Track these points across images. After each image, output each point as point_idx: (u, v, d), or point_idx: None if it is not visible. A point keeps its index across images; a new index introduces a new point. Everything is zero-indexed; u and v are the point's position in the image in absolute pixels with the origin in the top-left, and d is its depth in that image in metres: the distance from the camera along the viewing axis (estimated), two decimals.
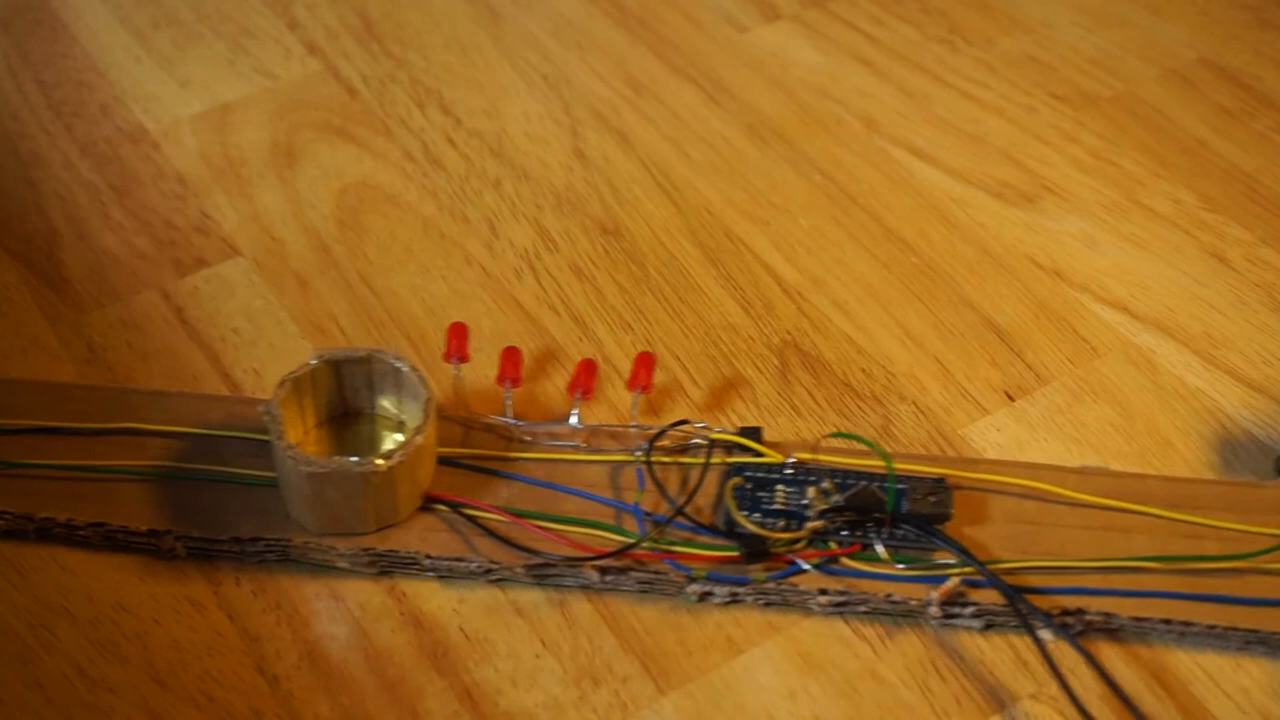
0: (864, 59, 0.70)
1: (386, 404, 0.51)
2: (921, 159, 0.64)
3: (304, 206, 0.62)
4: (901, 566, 0.47)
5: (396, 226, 0.61)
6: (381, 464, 0.46)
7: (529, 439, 0.51)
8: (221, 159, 0.64)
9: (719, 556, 0.47)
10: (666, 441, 0.50)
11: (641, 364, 0.52)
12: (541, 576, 0.47)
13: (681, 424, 0.51)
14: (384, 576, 0.48)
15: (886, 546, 0.47)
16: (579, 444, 0.51)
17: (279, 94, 0.68)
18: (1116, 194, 0.62)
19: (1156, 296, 0.58)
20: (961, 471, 0.50)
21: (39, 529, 0.48)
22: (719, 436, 0.50)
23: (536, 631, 0.47)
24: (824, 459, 0.50)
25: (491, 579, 0.47)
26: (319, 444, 0.50)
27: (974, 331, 0.57)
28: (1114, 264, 0.60)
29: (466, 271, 0.59)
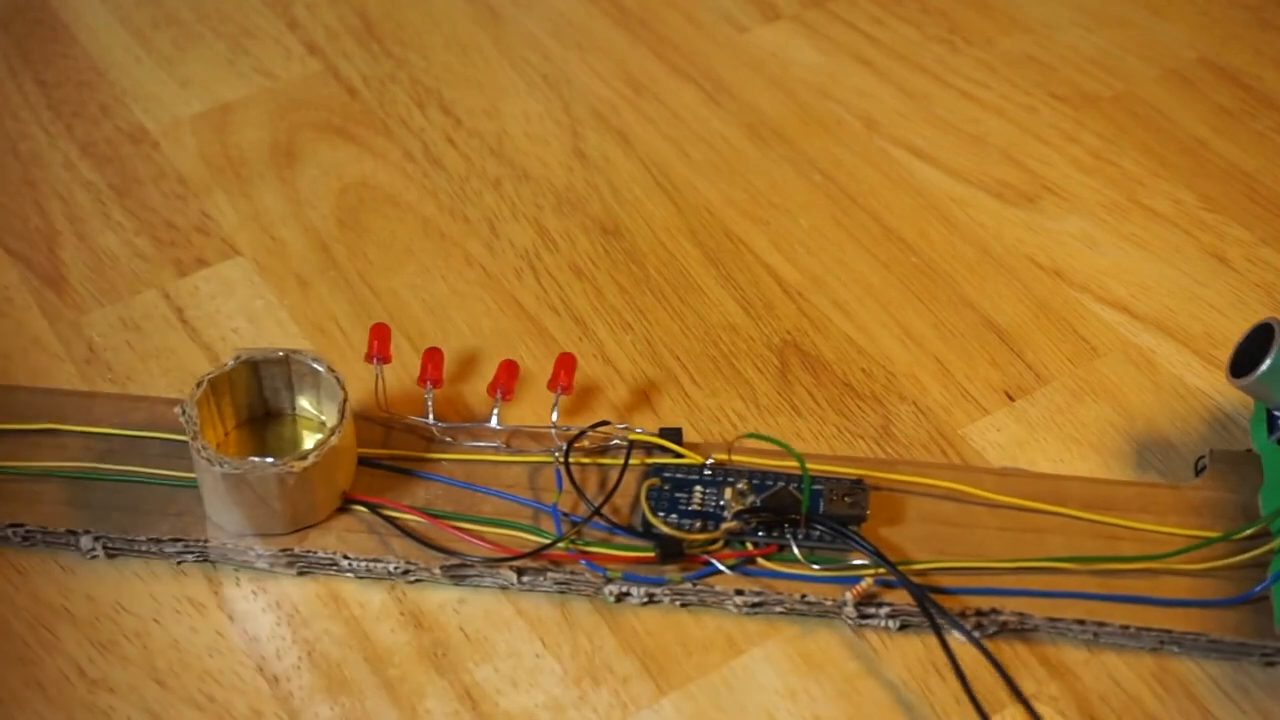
0: (864, 59, 0.70)
1: (306, 404, 0.51)
2: (921, 159, 0.64)
3: (304, 206, 0.62)
4: (817, 567, 0.47)
5: (396, 226, 0.61)
6: (296, 465, 0.46)
7: (450, 440, 0.51)
8: (221, 159, 0.64)
9: (635, 557, 0.47)
10: (587, 442, 0.50)
11: (561, 365, 0.52)
12: (459, 577, 0.48)
13: (602, 425, 0.51)
14: (301, 574, 0.48)
15: (802, 547, 0.47)
16: (500, 445, 0.51)
17: (279, 94, 0.68)
18: (1116, 194, 0.62)
19: (1156, 296, 0.58)
20: (881, 473, 0.50)
21: None
22: (638, 437, 0.50)
23: (536, 631, 0.47)
24: (745, 460, 0.50)
25: (409, 580, 0.48)
26: (240, 445, 0.50)
27: (974, 331, 0.57)
28: (1114, 264, 0.60)
29: (467, 271, 0.59)
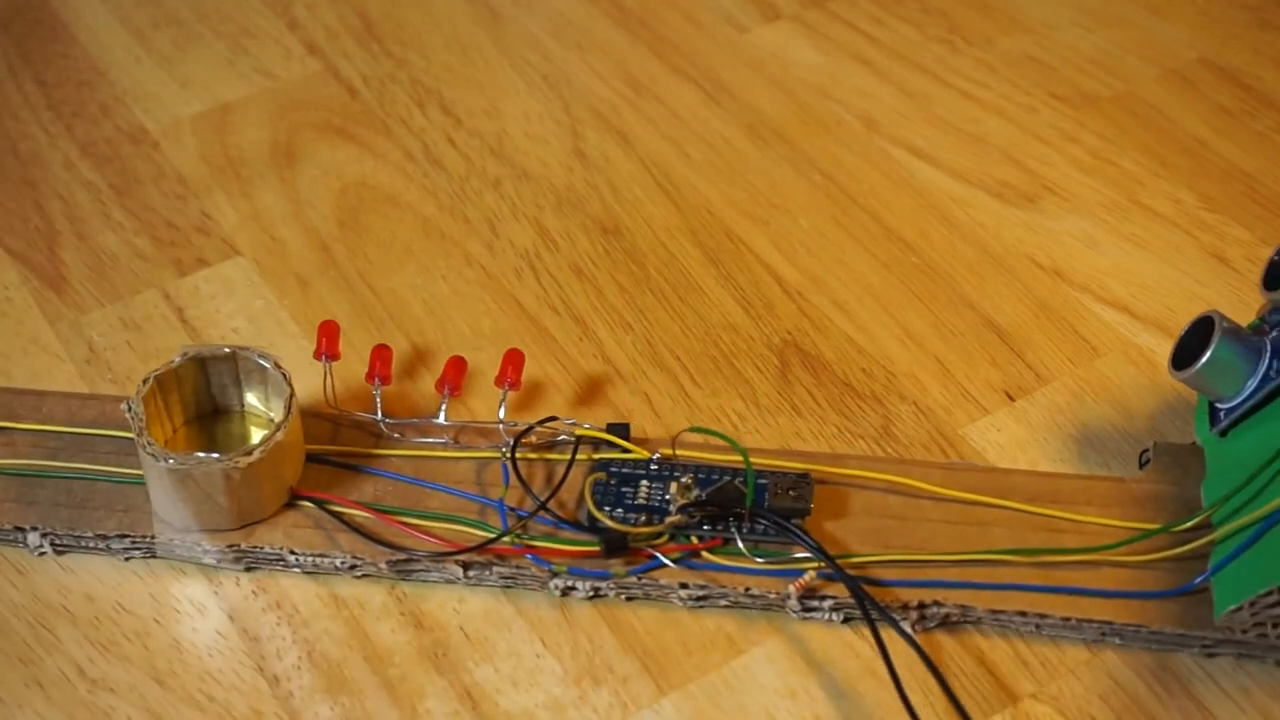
0: (864, 59, 0.70)
1: (255, 401, 0.51)
2: (921, 159, 0.64)
3: (304, 206, 0.62)
4: (761, 561, 0.47)
5: (397, 226, 0.61)
6: (241, 461, 0.46)
7: (398, 436, 0.51)
8: (221, 159, 0.64)
9: (580, 551, 0.47)
10: (535, 438, 0.51)
11: (509, 361, 0.52)
12: (405, 572, 0.48)
13: (550, 420, 0.51)
14: (248, 570, 0.48)
15: (746, 541, 0.47)
16: (448, 441, 0.51)
17: (279, 94, 0.68)
18: (1116, 194, 0.62)
19: (1156, 296, 0.58)
20: (828, 467, 0.50)
21: None
22: (585, 433, 0.50)
23: (536, 631, 0.47)
24: (694, 455, 0.50)
25: (356, 575, 0.48)
26: (188, 441, 0.50)
27: (974, 331, 0.57)
28: (1114, 264, 0.60)
29: (467, 271, 0.59)
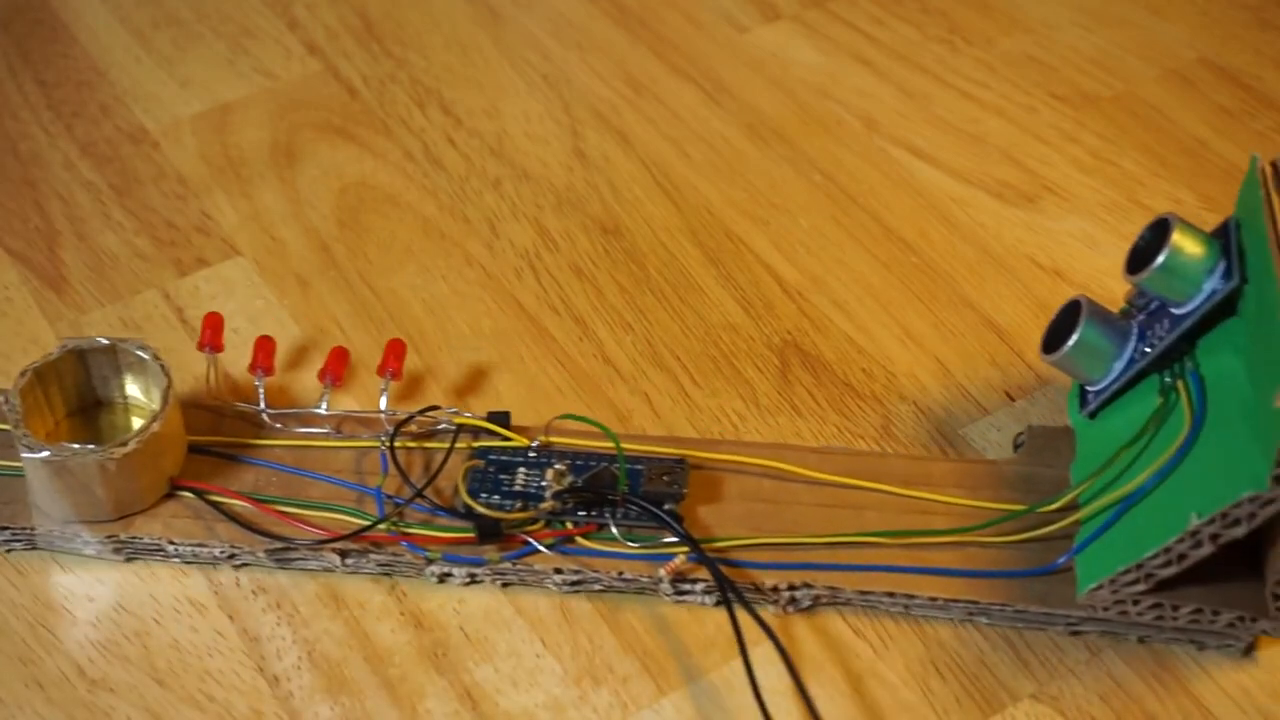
0: (864, 59, 0.70)
1: (136, 392, 0.51)
2: (921, 159, 0.64)
3: (304, 206, 0.62)
4: (634, 545, 0.47)
5: (397, 226, 0.61)
6: (117, 452, 0.46)
7: (280, 426, 0.51)
8: (221, 159, 0.64)
9: (455, 538, 0.48)
10: (415, 427, 0.51)
11: (391, 351, 0.52)
12: (284, 560, 0.48)
13: (431, 410, 0.51)
14: (129, 560, 0.48)
15: (620, 526, 0.48)
16: (331, 430, 0.51)
17: (279, 94, 0.68)
18: (1116, 194, 0.62)
19: None
20: (704, 452, 0.50)
21: None
22: (465, 421, 0.51)
23: (536, 631, 0.47)
24: (573, 443, 0.50)
25: (235, 564, 0.48)
26: (71, 433, 0.51)
27: (974, 331, 0.57)
28: (1114, 264, 0.59)
29: (467, 271, 0.59)
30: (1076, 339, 0.48)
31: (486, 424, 0.51)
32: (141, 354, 0.50)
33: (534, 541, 0.47)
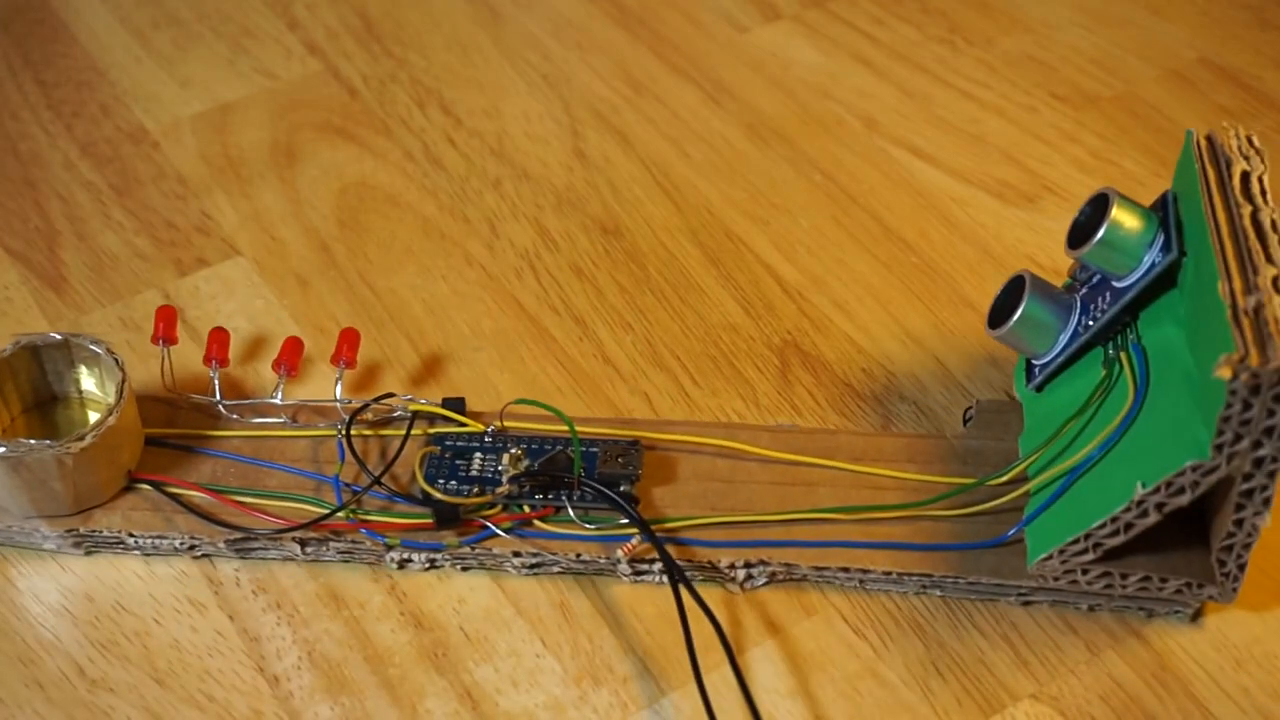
0: (864, 59, 0.70)
1: (92, 387, 0.51)
2: (921, 159, 0.64)
3: (304, 206, 0.62)
4: (591, 527, 0.48)
5: (397, 226, 0.61)
6: (74, 446, 0.46)
7: (237, 417, 0.52)
8: (221, 159, 0.64)
9: (413, 524, 0.48)
10: (370, 415, 0.51)
11: (344, 340, 0.53)
12: (244, 550, 0.48)
13: (387, 397, 0.51)
14: (89, 554, 0.49)
15: (577, 508, 0.48)
16: (288, 420, 0.52)
17: (279, 94, 0.68)
18: None
19: None
20: (657, 434, 0.51)
21: None
22: (420, 407, 0.51)
23: (537, 631, 0.47)
24: (531, 427, 0.51)
25: (195, 555, 0.48)
26: (28, 429, 0.51)
27: (974, 331, 0.57)
28: None
29: (467, 271, 0.59)
30: (1021, 313, 0.49)
31: (442, 410, 0.51)
32: (95, 348, 0.50)
33: (492, 526, 0.48)
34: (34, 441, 0.46)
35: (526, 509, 0.48)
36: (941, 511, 0.48)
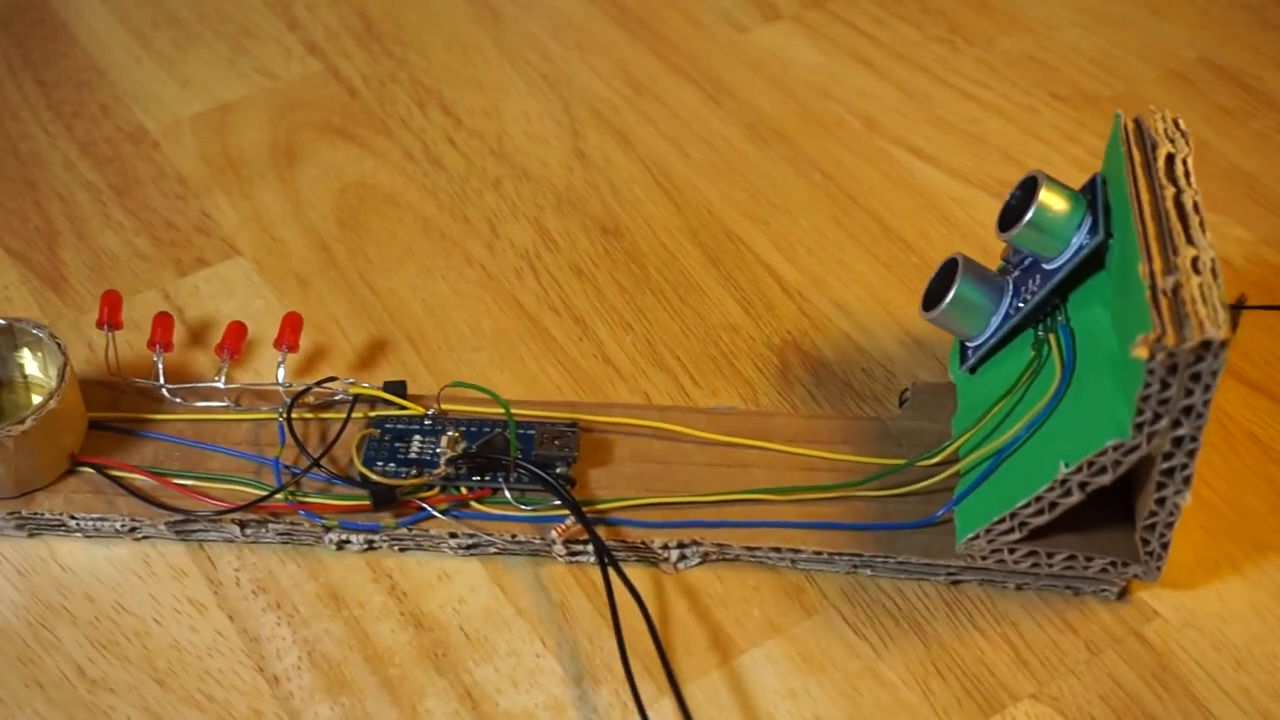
0: (864, 59, 0.70)
1: (35, 370, 0.52)
2: (921, 159, 0.64)
3: (304, 206, 0.62)
4: (527, 509, 0.48)
5: (396, 226, 0.61)
6: (14, 430, 0.47)
7: (180, 401, 0.52)
8: (221, 159, 0.64)
9: (351, 506, 0.48)
10: (311, 398, 0.52)
11: (287, 324, 0.53)
12: (185, 532, 0.49)
13: (329, 381, 0.52)
14: (31, 535, 0.49)
15: (513, 490, 0.49)
16: (231, 404, 0.52)
17: (279, 94, 0.68)
18: None
19: None
20: (595, 416, 0.51)
21: None
22: (361, 391, 0.51)
23: (536, 631, 0.47)
24: (470, 410, 0.51)
25: (137, 537, 0.49)
26: None
27: None
28: None
29: (467, 271, 0.59)
30: (954, 295, 0.49)
31: (382, 394, 0.51)
32: (38, 332, 0.50)
33: (428, 507, 0.48)
34: None
35: (464, 490, 0.49)
36: (873, 492, 0.49)
